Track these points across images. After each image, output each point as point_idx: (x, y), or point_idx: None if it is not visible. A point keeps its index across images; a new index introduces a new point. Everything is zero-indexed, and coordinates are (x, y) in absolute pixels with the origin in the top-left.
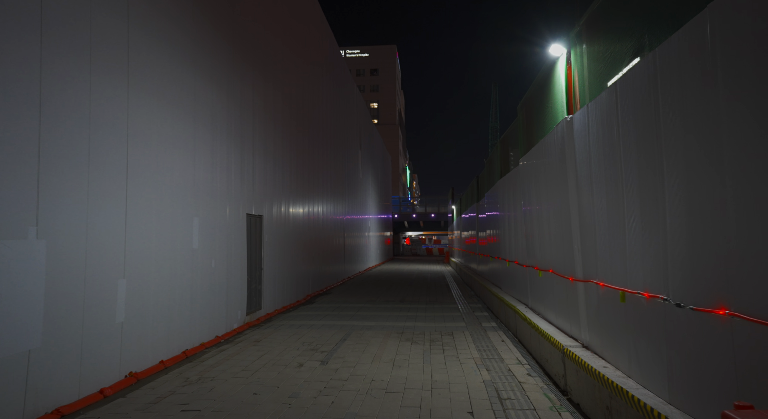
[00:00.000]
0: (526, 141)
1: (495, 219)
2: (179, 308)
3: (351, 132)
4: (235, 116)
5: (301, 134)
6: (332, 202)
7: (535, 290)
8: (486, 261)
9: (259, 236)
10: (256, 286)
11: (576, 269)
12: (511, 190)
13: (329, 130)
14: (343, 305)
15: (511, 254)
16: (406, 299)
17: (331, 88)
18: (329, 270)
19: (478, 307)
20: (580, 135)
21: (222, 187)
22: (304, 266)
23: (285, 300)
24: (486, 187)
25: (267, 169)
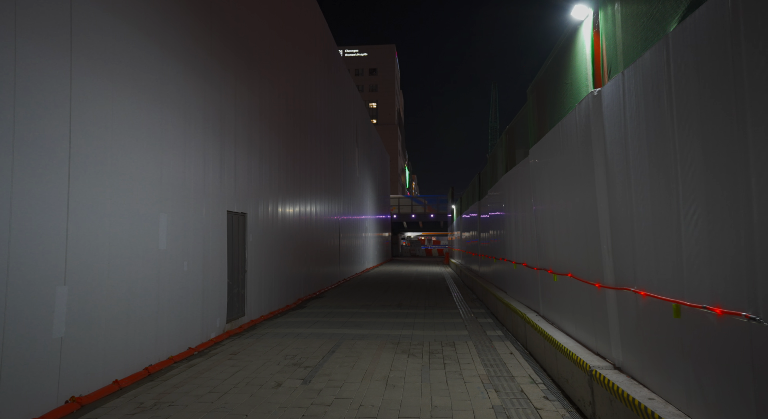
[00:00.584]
0: (537, 128)
1: (499, 218)
2: (141, 319)
3: (347, 129)
4: (213, 103)
5: (292, 129)
6: (327, 201)
7: (548, 296)
8: (489, 263)
9: (242, 236)
10: (239, 291)
11: (605, 273)
12: (518, 185)
13: (324, 125)
14: (336, 310)
15: (518, 255)
16: (403, 304)
17: (326, 83)
18: (323, 272)
19: (482, 313)
20: (611, 111)
21: (196, 181)
22: (296, 269)
23: (272, 305)
24: (489, 184)
25: (252, 164)
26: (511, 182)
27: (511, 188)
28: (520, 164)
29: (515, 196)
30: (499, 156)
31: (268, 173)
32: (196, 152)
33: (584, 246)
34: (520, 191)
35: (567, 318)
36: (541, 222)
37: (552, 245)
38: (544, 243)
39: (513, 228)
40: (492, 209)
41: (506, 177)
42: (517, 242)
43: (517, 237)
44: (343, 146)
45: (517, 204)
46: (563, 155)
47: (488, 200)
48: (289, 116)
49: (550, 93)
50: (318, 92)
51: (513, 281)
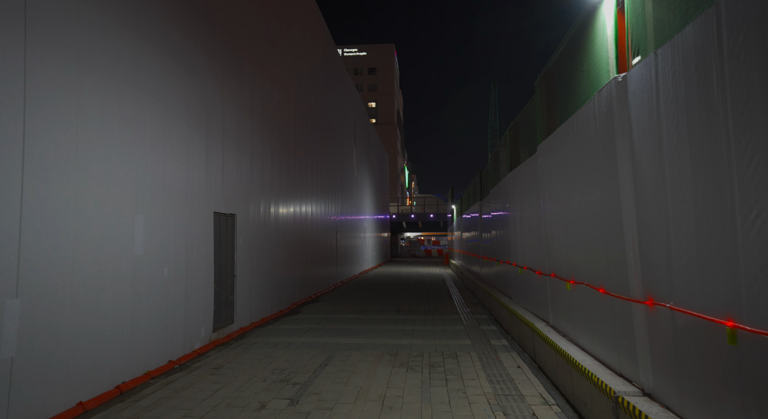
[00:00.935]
0: (546, 123)
1: (502, 218)
2: (112, 331)
3: (345, 127)
4: (198, 96)
5: (287, 126)
6: (324, 201)
7: (560, 305)
8: (491, 265)
9: (231, 239)
10: (227, 297)
11: (631, 284)
12: (523, 184)
13: (321, 123)
14: (331, 316)
15: (524, 258)
16: (402, 309)
17: (322, 79)
18: (320, 275)
19: (484, 319)
20: (640, 97)
21: (179, 180)
22: (290, 272)
23: (264, 311)
24: (491, 183)
25: (242, 162)
26: (516, 181)
27: (515, 187)
28: (525, 162)
29: (520, 195)
30: (503, 154)
31: (260, 171)
32: (179, 148)
33: (604, 252)
34: (526, 190)
35: (582, 330)
36: (551, 224)
37: (563, 248)
38: (554, 247)
39: (518, 229)
40: (494, 209)
41: (511, 176)
42: (522, 245)
43: (522, 239)
44: (341, 144)
45: (523, 204)
46: (579, 150)
47: (490, 199)
48: (282, 112)
49: (562, 83)
50: (314, 89)
51: (518, 285)
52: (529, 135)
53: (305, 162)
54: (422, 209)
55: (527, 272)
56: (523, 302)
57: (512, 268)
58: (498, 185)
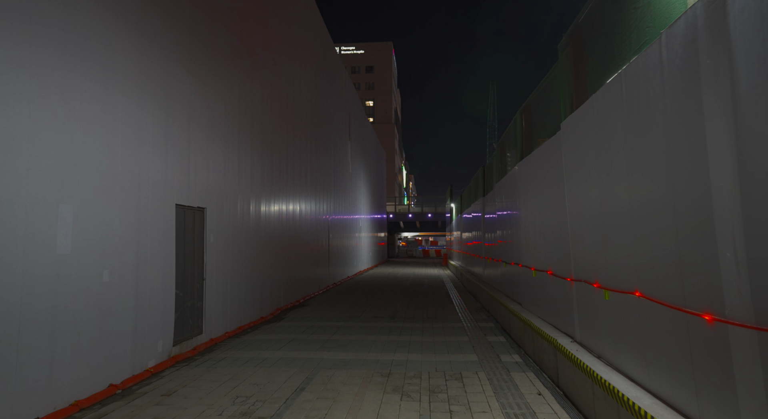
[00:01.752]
0: (575, 93)
1: (510, 215)
2: (20, 354)
3: (339, 120)
4: (154, 62)
5: (272, 115)
6: (315, 198)
7: (592, 318)
8: (496, 266)
9: (200, 237)
10: (194, 303)
11: (728, 298)
12: (540, 173)
13: (312, 114)
14: (318, 323)
15: (538, 259)
16: (397, 315)
17: (314, 67)
18: (309, 277)
19: (490, 328)
20: (749, 23)
21: (126, 162)
22: (274, 274)
23: (242, 319)
24: (496, 177)
25: (214, 148)
26: (529, 171)
27: (528, 178)
28: (542, 147)
29: (535, 187)
30: (511, 142)
31: (237, 163)
32: (126, 122)
33: (673, 254)
34: (542, 181)
35: (630, 353)
36: (579, 219)
37: (600, 247)
38: (583, 247)
39: (530, 226)
40: (500, 206)
41: (522, 166)
42: (535, 244)
43: (535, 238)
44: (334, 138)
45: (538, 197)
46: (629, 118)
47: (496, 195)
48: (267, 98)
49: (600, 36)
50: (304, 77)
51: (530, 291)
52: (546, 115)
53: (293, 157)
54: (420, 209)
55: (543, 277)
56: (539, 311)
57: (522, 270)
58: (505, 179)
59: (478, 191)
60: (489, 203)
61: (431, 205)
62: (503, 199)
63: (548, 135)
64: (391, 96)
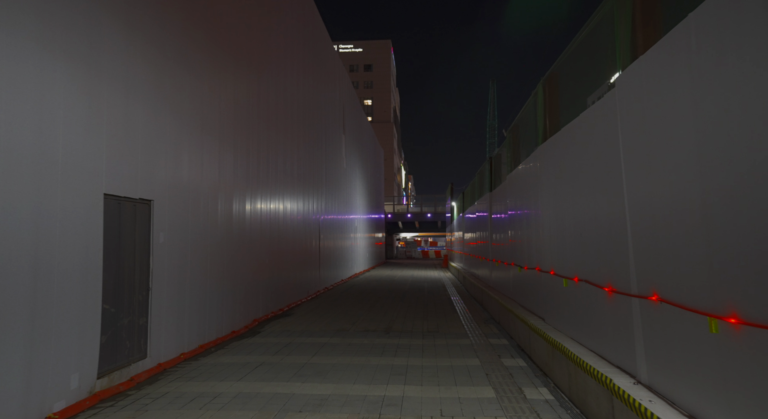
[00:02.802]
0: (641, 32)
1: (527, 210)
2: None
3: (331, 111)
4: (74, 11)
5: (247, 95)
6: (303, 194)
7: (682, 353)
8: (506, 270)
9: (144, 235)
10: (134, 320)
11: None
12: (575, 153)
13: (298, 100)
14: (299, 339)
15: (568, 265)
16: (393, 328)
17: (302, 50)
18: (295, 282)
19: (504, 345)
20: None
21: (16, 135)
22: (251, 279)
23: (206, 335)
24: (509, 166)
25: (167, 130)
26: (556, 155)
27: (554, 163)
28: (580, 119)
29: (565, 174)
30: (529, 123)
31: (200, 148)
32: (20, 73)
33: None
34: (577, 166)
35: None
36: (651, 213)
37: (701, 253)
38: (662, 252)
39: (556, 224)
40: (513, 200)
41: (546, 149)
42: (563, 246)
43: (562, 238)
44: (326, 130)
45: (570, 186)
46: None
47: (507, 188)
48: (242, 77)
49: None
50: (291, 60)
51: (558, 304)
52: (584, 77)
53: (275, 147)
54: (419, 209)
55: (579, 287)
56: (571, 331)
57: (544, 278)
58: (519, 170)
59: (483, 186)
60: (498, 199)
61: (431, 204)
62: (517, 193)
63: (582, 103)
64: (390, 95)
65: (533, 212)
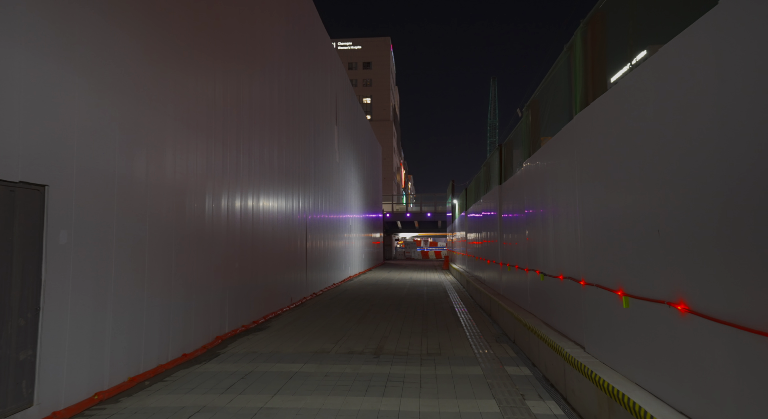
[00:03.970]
0: None
1: (554, 204)
2: None
3: (322, 99)
4: None
5: (219, 73)
6: (285, 188)
7: None
8: (519, 276)
9: (30, 234)
10: (11, 354)
11: None
12: (641, 116)
13: (280, 81)
14: (263, 366)
15: (629, 275)
16: (385, 348)
17: (287, 29)
18: (275, 288)
19: (527, 377)
20: None
21: None
22: (213, 287)
23: (137, 365)
24: (525, 152)
25: (76, 85)
26: (609, 117)
27: (602, 131)
28: (653, 61)
29: (629, 148)
30: (558, 92)
31: (136, 122)
32: None
33: None
34: (654, 133)
35: None
36: None
37: None
38: None
39: (611, 220)
40: (534, 192)
41: (586, 117)
42: (620, 246)
43: (618, 236)
44: (315, 119)
45: (622, 162)
46: None
47: (524, 178)
48: (207, 50)
49: None
50: (272, 35)
51: (610, 329)
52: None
53: (249, 133)
54: (419, 208)
55: (653, 310)
56: (643, 376)
57: (593, 293)
58: (543, 151)
59: (491, 179)
60: (510, 192)
61: (430, 204)
62: (539, 183)
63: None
64: (390, 93)
65: (565, 204)
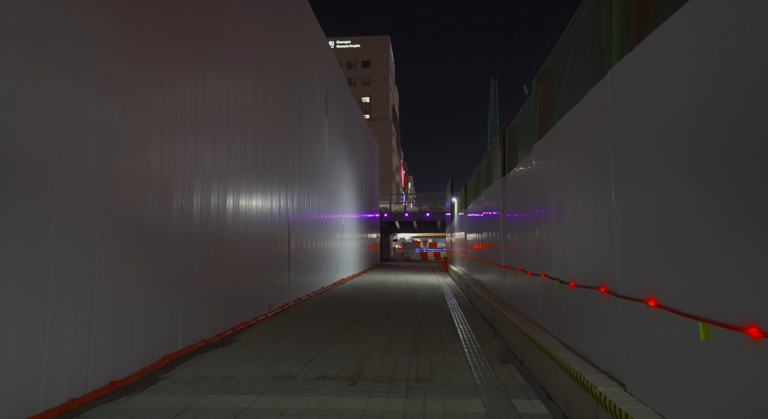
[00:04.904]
0: None
1: (569, 196)
2: None
3: (309, 87)
4: None
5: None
6: (262, 183)
7: None
8: (526, 281)
9: None
10: None
11: None
12: None
13: (260, 66)
14: (205, 400)
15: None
16: (365, 371)
17: (265, 3)
18: (248, 294)
19: (543, 416)
20: None
21: None
22: (158, 295)
23: (34, 402)
24: (533, 135)
25: None
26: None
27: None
28: None
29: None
30: (581, 49)
31: (59, 88)
32: None
33: None
34: None
35: None
36: None
37: None
38: None
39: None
40: (546, 182)
41: (628, 67)
42: (696, 250)
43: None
44: (300, 108)
45: None
46: None
47: (534, 164)
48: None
49: None
50: (246, 8)
51: (671, 365)
52: None
53: (217, 115)
54: (417, 208)
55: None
56: None
57: (650, 313)
58: (559, 127)
59: (493, 172)
60: (516, 184)
61: (430, 203)
62: (557, 167)
63: None
64: (389, 92)
65: (589, 195)
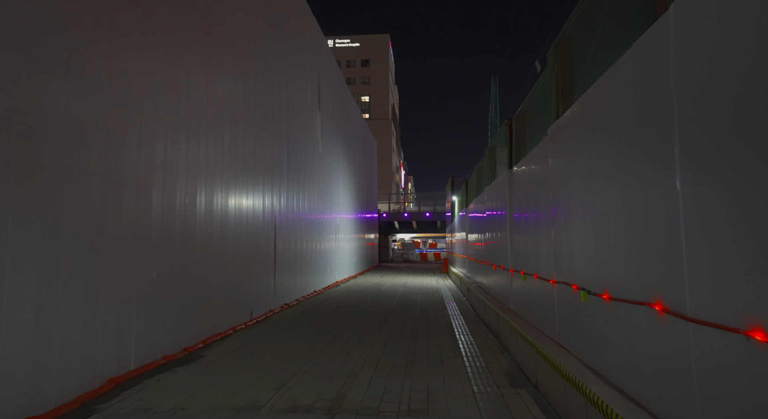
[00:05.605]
0: None
1: (602, 184)
2: None
3: (298, 76)
4: None
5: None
6: (243, 177)
7: None
8: (538, 289)
9: None
10: None
11: None
12: None
13: (241, 51)
14: None
15: None
16: (346, 400)
17: None
18: (224, 301)
19: None
20: None
21: None
22: (101, 306)
23: None
24: (550, 116)
25: None
26: None
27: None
28: None
29: None
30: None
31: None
32: None
33: None
34: None
35: None
36: None
37: None
38: None
39: None
40: (568, 170)
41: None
42: None
43: None
44: (288, 98)
45: None
46: None
47: (550, 149)
48: None
49: None
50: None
51: None
52: None
53: (183, 96)
54: (417, 208)
55: None
56: None
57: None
58: (586, 97)
59: (497, 166)
60: (525, 178)
61: (429, 203)
62: (583, 150)
63: None
64: (388, 91)
65: (646, 178)
